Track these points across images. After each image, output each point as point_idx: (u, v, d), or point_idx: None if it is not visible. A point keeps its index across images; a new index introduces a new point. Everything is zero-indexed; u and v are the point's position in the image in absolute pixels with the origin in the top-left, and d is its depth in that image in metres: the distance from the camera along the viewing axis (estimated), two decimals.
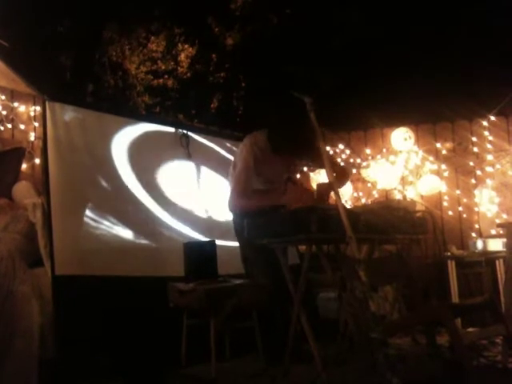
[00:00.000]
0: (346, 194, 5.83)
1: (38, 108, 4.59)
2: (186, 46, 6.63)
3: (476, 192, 5.61)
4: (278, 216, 2.91)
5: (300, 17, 6.54)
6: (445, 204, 5.75)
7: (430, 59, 6.41)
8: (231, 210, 3.37)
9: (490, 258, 4.97)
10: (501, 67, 5.79)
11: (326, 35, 6.62)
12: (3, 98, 4.58)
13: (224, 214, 4.82)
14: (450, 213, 5.70)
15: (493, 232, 5.27)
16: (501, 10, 5.99)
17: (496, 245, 4.90)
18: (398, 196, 5.77)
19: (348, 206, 5.41)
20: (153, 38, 6.55)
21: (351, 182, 5.92)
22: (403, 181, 5.88)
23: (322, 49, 6.56)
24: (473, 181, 5.68)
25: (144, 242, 4.31)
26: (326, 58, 6.52)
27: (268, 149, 3.27)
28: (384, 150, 5.99)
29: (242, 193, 3.24)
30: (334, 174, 3.32)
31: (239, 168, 3.29)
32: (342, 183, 3.54)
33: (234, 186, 3.28)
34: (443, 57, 6.38)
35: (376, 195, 5.93)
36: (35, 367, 3.19)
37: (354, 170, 5.95)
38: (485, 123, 5.65)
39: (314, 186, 3.41)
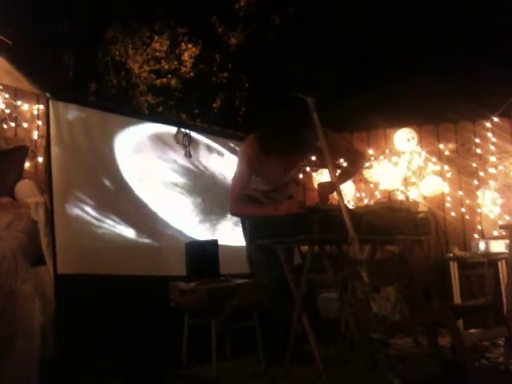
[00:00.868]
0: (349, 195, 5.83)
1: (42, 107, 4.59)
2: (190, 45, 6.63)
3: (479, 193, 5.60)
4: (280, 216, 2.91)
5: (302, 17, 6.53)
6: (447, 205, 5.74)
7: (432, 59, 6.40)
8: (231, 214, 3.39)
9: (492, 259, 4.96)
10: (503, 68, 5.78)
11: (328, 36, 6.62)
12: (6, 96, 4.58)
13: (226, 213, 4.82)
14: (453, 214, 5.70)
15: (495, 233, 5.26)
16: (501, 9, 5.97)
17: (498, 246, 4.89)
18: (400, 197, 5.76)
19: (350, 206, 5.40)
20: (156, 37, 6.55)
21: (354, 182, 5.92)
22: (406, 182, 5.87)
23: (325, 49, 6.56)
24: (475, 182, 5.67)
25: (146, 241, 4.31)
26: (329, 58, 6.52)
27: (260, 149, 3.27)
28: (387, 151, 5.98)
29: (238, 199, 3.26)
30: (345, 165, 3.33)
31: (235, 174, 3.31)
32: (356, 169, 3.53)
33: (231, 193, 3.30)
34: (445, 57, 6.37)
35: (378, 196, 5.92)
36: (36, 367, 3.19)
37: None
38: (488, 124, 5.64)
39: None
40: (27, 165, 4.54)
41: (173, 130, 4.78)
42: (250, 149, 3.25)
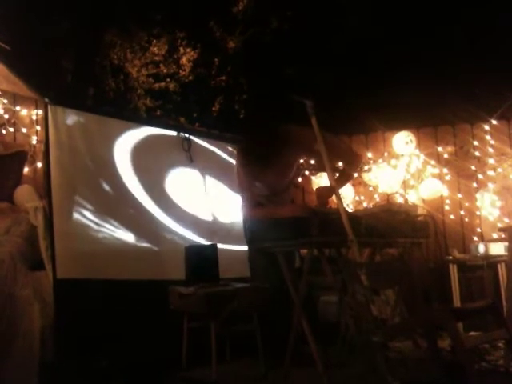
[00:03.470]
0: (348, 198, 5.83)
1: (40, 112, 4.59)
2: (188, 49, 6.63)
3: (478, 196, 5.61)
4: (279, 220, 2.91)
5: (300, 19, 6.54)
6: (446, 208, 5.75)
7: (430, 62, 6.41)
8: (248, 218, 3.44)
9: (491, 261, 4.96)
10: (501, 70, 5.79)
11: (327, 38, 6.62)
12: (5, 101, 4.59)
13: (226, 217, 4.83)
14: (452, 217, 5.70)
15: (494, 236, 5.27)
16: (501, 10, 5.98)
17: (498, 248, 4.89)
18: (399, 200, 5.76)
19: (349, 209, 5.40)
20: (155, 41, 6.55)
21: (353, 185, 5.92)
22: (405, 184, 5.88)
23: (323, 51, 6.56)
24: (474, 184, 5.67)
25: (145, 245, 4.31)
26: (327, 60, 6.52)
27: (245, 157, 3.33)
28: (385, 154, 5.99)
29: (251, 204, 3.29)
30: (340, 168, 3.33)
31: (236, 185, 3.40)
32: (353, 170, 3.59)
33: (242, 201, 3.34)
34: (443, 60, 6.37)
35: (377, 199, 5.92)
36: (36, 369, 3.20)
37: (356, 174, 5.96)
38: (486, 127, 5.65)
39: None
40: (26, 170, 4.54)
41: (172, 133, 4.78)
42: (237, 159, 3.39)
